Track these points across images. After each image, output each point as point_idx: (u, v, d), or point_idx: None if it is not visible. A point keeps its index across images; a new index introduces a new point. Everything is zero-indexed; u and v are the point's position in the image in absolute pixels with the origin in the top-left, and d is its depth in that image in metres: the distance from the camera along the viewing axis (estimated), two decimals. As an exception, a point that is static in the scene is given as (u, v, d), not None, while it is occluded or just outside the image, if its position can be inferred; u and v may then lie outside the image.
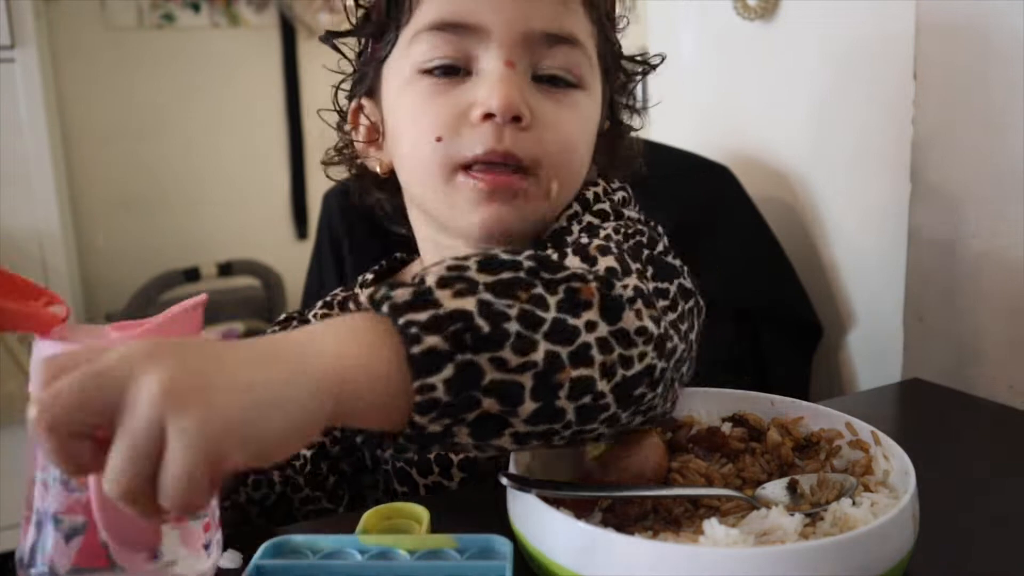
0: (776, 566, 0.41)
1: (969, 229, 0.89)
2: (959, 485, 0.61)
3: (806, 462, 0.55)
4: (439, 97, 0.60)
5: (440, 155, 0.60)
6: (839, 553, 0.42)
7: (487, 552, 0.48)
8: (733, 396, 0.62)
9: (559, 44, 0.60)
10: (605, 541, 0.44)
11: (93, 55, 2.44)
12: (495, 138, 0.58)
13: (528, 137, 0.59)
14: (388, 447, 0.44)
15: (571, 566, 0.45)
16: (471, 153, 0.59)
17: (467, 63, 0.60)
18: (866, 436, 0.56)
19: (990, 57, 0.85)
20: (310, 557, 0.49)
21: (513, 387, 0.41)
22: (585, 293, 0.44)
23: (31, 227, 2.14)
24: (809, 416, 0.59)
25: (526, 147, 0.59)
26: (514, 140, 0.59)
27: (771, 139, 1.17)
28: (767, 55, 1.15)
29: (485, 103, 0.58)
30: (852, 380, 1.11)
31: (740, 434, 0.57)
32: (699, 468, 0.54)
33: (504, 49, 0.59)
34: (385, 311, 0.40)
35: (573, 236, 0.61)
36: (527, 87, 0.60)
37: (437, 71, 0.61)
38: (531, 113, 0.59)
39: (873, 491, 0.51)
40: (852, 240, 1.08)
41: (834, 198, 1.09)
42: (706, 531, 0.45)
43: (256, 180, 2.66)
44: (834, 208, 1.10)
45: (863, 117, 1.03)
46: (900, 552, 0.45)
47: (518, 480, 0.49)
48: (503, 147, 0.58)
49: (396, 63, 0.64)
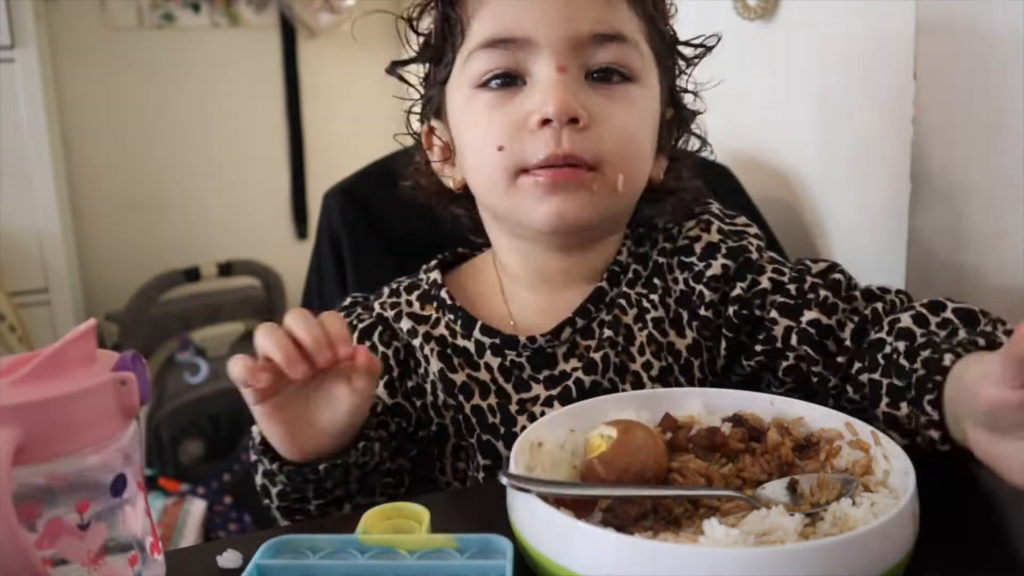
0: (776, 566, 0.41)
1: (969, 229, 0.89)
2: (959, 485, 0.61)
3: (806, 462, 0.55)
4: (498, 108, 0.64)
5: (504, 162, 0.64)
6: (839, 553, 0.42)
7: (487, 552, 0.48)
8: (733, 396, 0.62)
9: (608, 42, 0.63)
10: (605, 541, 0.44)
11: (93, 55, 2.43)
12: (555, 142, 0.62)
13: (587, 136, 0.62)
14: None
15: (571, 566, 0.45)
16: (534, 159, 0.63)
17: (522, 73, 0.64)
18: (866, 436, 0.55)
19: (990, 57, 0.85)
20: (310, 557, 0.49)
21: None
22: None
23: (31, 227, 2.14)
24: (809, 416, 0.59)
25: (587, 147, 0.62)
26: (573, 142, 0.62)
27: (771, 139, 1.17)
28: (767, 55, 1.15)
29: (541, 109, 0.61)
30: (852, 380, 1.11)
31: (740, 434, 0.57)
32: (699, 468, 0.54)
33: (555, 56, 0.62)
34: None
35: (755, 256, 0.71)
36: (582, 88, 0.63)
37: (494, 83, 0.65)
38: (588, 112, 0.62)
39: (873, 491, 0.51)
40: (852, 240, 1.08)
41: (834, 198, 1.09)
42: (706, 531, 0.45)
43: (256, 180, 2.66)
44: (834, 208, 1.10)
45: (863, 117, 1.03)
46: (900, 552, 0.45)
47: (518, 479, 0.49)
48: (563, 150, 0.62)
49: (456, 82, 0.68)
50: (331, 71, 2.68)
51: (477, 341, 0.72)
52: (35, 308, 2.17)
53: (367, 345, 0.72)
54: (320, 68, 2.67)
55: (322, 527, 0.64)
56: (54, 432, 0.40)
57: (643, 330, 0.71)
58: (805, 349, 0.68)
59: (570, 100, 0.61)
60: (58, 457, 0.40)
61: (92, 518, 0.42)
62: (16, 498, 0.38)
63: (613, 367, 0.70)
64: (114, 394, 0.42)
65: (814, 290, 0.69)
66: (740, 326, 0.71)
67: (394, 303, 0.75)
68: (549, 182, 0.63)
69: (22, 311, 2.13)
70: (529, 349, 0.71)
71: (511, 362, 0.71)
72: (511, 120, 0.63)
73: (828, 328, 0.67)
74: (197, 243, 2.55)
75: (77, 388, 0.41)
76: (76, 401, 0.41)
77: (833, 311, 0.68)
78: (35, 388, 0.40)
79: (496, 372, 0.71)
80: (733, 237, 0.72)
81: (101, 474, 0.43)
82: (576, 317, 0.71)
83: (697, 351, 0.71)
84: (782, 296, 0.69)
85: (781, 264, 0.71)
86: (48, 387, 0.41)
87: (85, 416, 0.41)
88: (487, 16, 0.65)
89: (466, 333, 0.72)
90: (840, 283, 0.70)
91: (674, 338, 0.71)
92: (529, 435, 0.56)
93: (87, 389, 0.41)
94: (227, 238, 2.59)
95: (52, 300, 2.19)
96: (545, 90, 0.62)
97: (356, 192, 1.00)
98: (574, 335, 0.71)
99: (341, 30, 2.59)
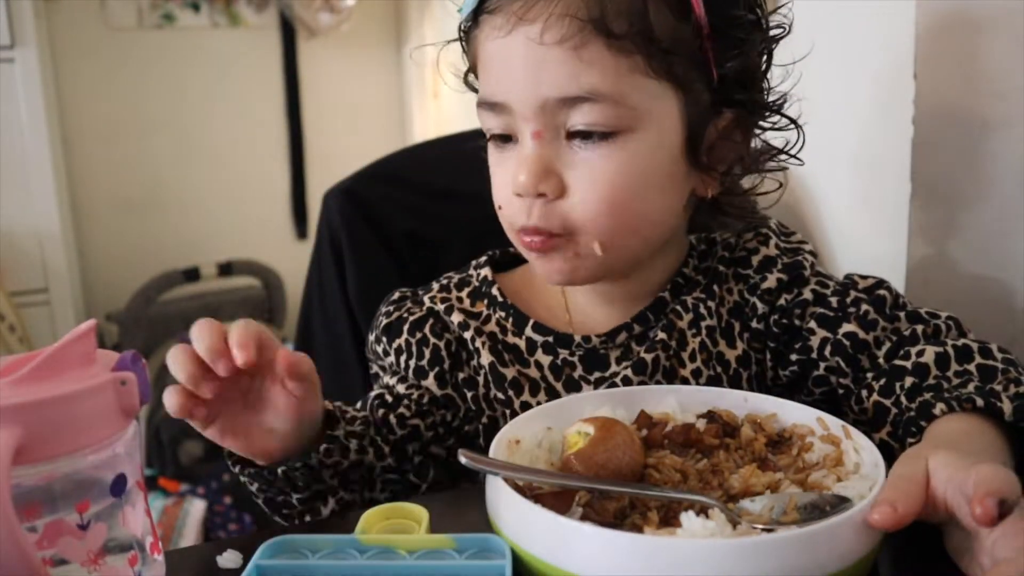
0: (752, 556, 0.42)
1: (969, 229, 0.89)
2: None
3: (779, 457, 0.56)
4: (498, 166, 0.66)
5: (504, 220, 0.67)
6: (814, 542, 0.43)
7: (486, 552, 0.48)
8: (707, 393, 0.63)
9: (580, 103, 0.60)
10: (584, 535, 0.45)
11: (93, 55, 2.44)
12: (525, 214, 0.63)
13: (556, 207, 0.62)
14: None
15: (552, 561, 0.45)
16: (518, 223, 0.64)
17: (513, 133, 0.64)
18: (837, 431, 0.56)
19: (990, 57, 0.85)
20: (310, 557, 0.49)
21: None
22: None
23: (31, 227, 2.14)
24: (781, 412, 0.60)
25: (553, 220, 0.63)
26: (541, 215, 0.63)
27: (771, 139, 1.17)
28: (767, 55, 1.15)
29: (513, 182, 0.63)
30: (852, 380, 1.11)
31: (714, 430, 0.58)
32: (675, 464, 0.55)
33: (528, 122, 0.62)
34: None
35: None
36: (561, 151, 0.62)
37: (496, 140, 0.66)
38: (562, 181, 0.62)
39: (843, 480, 0.52)
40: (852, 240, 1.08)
41: (834, 198, 1.09)
42: (684, 524, 0.46)
43: (256, 180, 2.66)
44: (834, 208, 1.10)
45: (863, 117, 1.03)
46: (871, 541, 0.46)
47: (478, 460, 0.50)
48: (531, 223, 0.63)
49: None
50: (331, 71, 2.69)
51: (528, 339, 0.72)
52: (35, 308, 2.17)
53: (418, 337, 0.72)
54: (320, 68, 2.67)
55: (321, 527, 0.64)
56: (54, 432, 0.40)
57: (696, 336, 0.71)
58: (837, 360, 0.67)
59: (535, 176, 0.61)
60: (58, 457, 0.40)
61: (92, 518, 0.42)
62: (16, 498, 0.38)
63: (662, 370, 0.70)
64: (114, 394, 0.42)
65: (856, 304, 0.68)
66: (779, 335, 0.70)
67: (444, 298, 0.75)
68: (529, 246, 0.65)
69: (22, 311, 2.13)
70: (583, 348, 0.71)
71: (563, 360, 0.71)
72: (505, 182, 0.65)
73: (864, 343, 0.67)
74: (197, 243, 2.55)
75: (77, 388, 0.41)
76: (76, 401, 0.41)
77: (872, 327, 0.67)
78: (35, 388, 0.40)
79: (546, 370, 0.71)
80: (789, 253, 0.72)
81: (101, 474, 0.43)
82: (634, 323, 0.71)
83: (747, 363, 0.71)
84: (822, 307, 0.69)
85: (827, 278, 0.71)
86: (48, 387, 0.41)
87: (85, 416, 0.41)
88: (482, 77, 0.66)
89: (517, 330, 0.72)
90: (885, 300, 0.69)
91: (724, 348, 0.71)
92: (506, 432, 0.56)
93: (87, 389, 0.41)
94: (227, 238, 2.59)
95: (52, 300, 2.19)
96: (519, 161, 0.62)
97: (356, 192, 1.00)
98: (630, 340, 0.71)
99: (341, 30, 2.59)
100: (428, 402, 0.71)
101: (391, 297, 0.77)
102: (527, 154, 0.62)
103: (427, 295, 0.76)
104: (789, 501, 0.49)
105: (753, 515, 0.49)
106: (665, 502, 0.51)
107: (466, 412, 0.72)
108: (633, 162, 0.62)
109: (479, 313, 0.74)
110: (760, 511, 0.49)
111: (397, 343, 0.73)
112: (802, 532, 0.43)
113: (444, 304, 0.74)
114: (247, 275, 2.45)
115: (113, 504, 0.43)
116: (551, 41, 0.58)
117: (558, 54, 0.59)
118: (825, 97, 1.08)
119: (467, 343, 0.72)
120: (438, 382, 0.71)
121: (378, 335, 0.75)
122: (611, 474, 0.52)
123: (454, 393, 0.72)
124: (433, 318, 0.73)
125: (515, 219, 0.64)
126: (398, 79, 2.79)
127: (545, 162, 0.61)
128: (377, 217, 0.99)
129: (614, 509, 0.50)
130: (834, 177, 1.09)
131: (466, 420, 0.73)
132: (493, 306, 0.74)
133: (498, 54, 0.62)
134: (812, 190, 1.12)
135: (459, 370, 0.72)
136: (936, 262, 0.92)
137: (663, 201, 0.65)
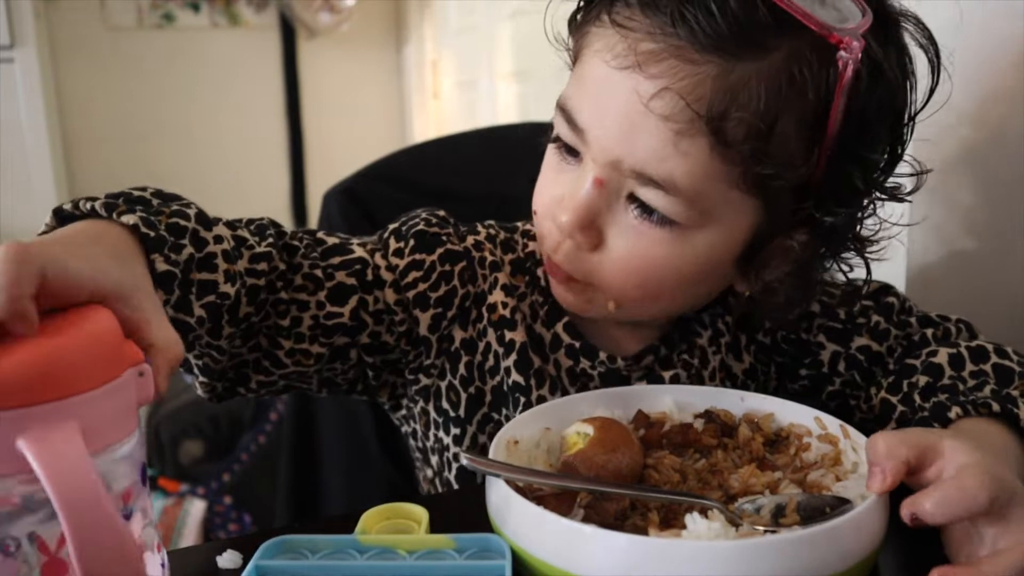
0: (755, 557, 0.42)
1: (969, 229, 0.89)
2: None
3: (776, 456, 0.56)
4: (552, 172, 0.61)
5: (536, 225, 0.63)
6: (816, 543, 0.43)
7: (486, 552, 0.48)
8: (704, 393, 0.62)
9: (651, 184, 0.54)
10: (587, 536, 0.45)
11: (93, 55, 2.44)
12: (554, 246, 0.60)
13: (586, 258, 0.59)
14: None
15: (554, 561, 0.45)
16: (546, 245, 0.61)
17: (580, 151, 0.58)
18: (835, 430, 0.56)
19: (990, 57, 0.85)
20: (309, 557, 0.49)
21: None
22: None
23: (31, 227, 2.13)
24: (779, 412, 0.60)
25: (578, 266, 0.59)
26: (568, 256, 0.59)
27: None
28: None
29: (559, 212, 0.58)
30: (852, 380, 1.11)
31: (712, 430, 0.58)
32: (673, 464, 0.55)
33: (596, 166, 0.56)
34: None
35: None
36: (613, 207, 0.57)
37: (561, 144, 0.60)
38: (602, 236, 0.58)
39: (842, 479, 0.52)
40: (852, 240, 1.08)
41: (834, 198, 1.10)
42: (688, 525, 0.46)
43: (256, 180, 2.67)
44: (834, 208, 1.10)
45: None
46: (873, 542, 0.46)
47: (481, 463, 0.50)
48: (556, 258, 0.60)
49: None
50: (331, 71, 2.69)
51: (555, 335, 0.67)
52: (35, 308, 2.17)
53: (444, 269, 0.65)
54: (320, 68, 2.67)
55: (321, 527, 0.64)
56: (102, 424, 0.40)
57: (716, 355, 0.68)
58: (853, 374, 0.66)
59: (578, 222, 0.56)
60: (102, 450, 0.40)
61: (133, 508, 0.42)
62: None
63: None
64: (135, 385, 0.42)
65: (865, 314, 0.67)
66: (786, 349, 0.69)
67: (480, 244, 0.68)
68: (549, 271, 0.63)
69: (22, 311, 2.13)
70: (605, 367, 0.67)
71: (581, 370, 0.67)
72: (552, 194, 0.60)
73: (878, 355, 0.66)
74: (197, 243, 2.55)
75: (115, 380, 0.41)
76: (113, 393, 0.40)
77: (884, 337, 0.66)
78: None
79: (563, 372, 0.67)
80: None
81: (131, 465, 0.42)
82: (661, 345, 0.68)
83: (754, 375, 0.70)
84: (831, 320, 0.67)
85: (832, 286, 0.67)
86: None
87: (118, 408, 0.41)
88: (575, 81, 0.59)
89: (549, 322, 0.67)
90: (893, 307, 0.67)
91: (732, 361, 0.69)
92: (504, 433, 0.56)
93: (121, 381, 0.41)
94: (227, 238, 2.59)
95: (52, 300, 2.19)
96: (572, 195, 0.57)
97: (356, 192, 1.00)
98: (655, 363, 0.68)
99: (341, 30, 2.59)
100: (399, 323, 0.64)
101: (432, 211, 0.68)
102: (581, 197, 0.56)
103: (471, 236, 0.68)
104: (789, 502, 0.49)
105: (754, 516, 0.49)
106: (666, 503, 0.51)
107: (430, 365, 0.66)
108: (680, 254, 0.57)
109: (516, 288, 0.67)
110: (760, 512, 0.49)
111: (420, 256, 0.64)
112: (805, 533, 0.43)
113: (479, 254, 0.67)
114: (247, 275, 2.45)
115: (143, 492, 0.43)
116: (657, 111, 0.52)
117: (657, 127, 0.53)
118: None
119: (487, 306, 0.66)
120: (431, 322, 0.64)
121: (403, 234, 0.65)
122: (611, 475, 0.52)
123: (436, 343, 0.65)
124: (466, 261, 0.66)
125: (545, 237, 0.61)
126: (398, 79, 2.79)
127: (595, 213, 0.57)
128: (377, 217, 0.99)
129: (615, 510, 0.50)
130: (834, 177, 1.09)
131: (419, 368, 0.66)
132: (532, 286, 0.68)
133: (601, 82, 0.55)
134: (812, 190, 1.12)
135: (459, 327, 0.66)
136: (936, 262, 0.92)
137: (696, 290, 0.62)
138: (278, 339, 0.60)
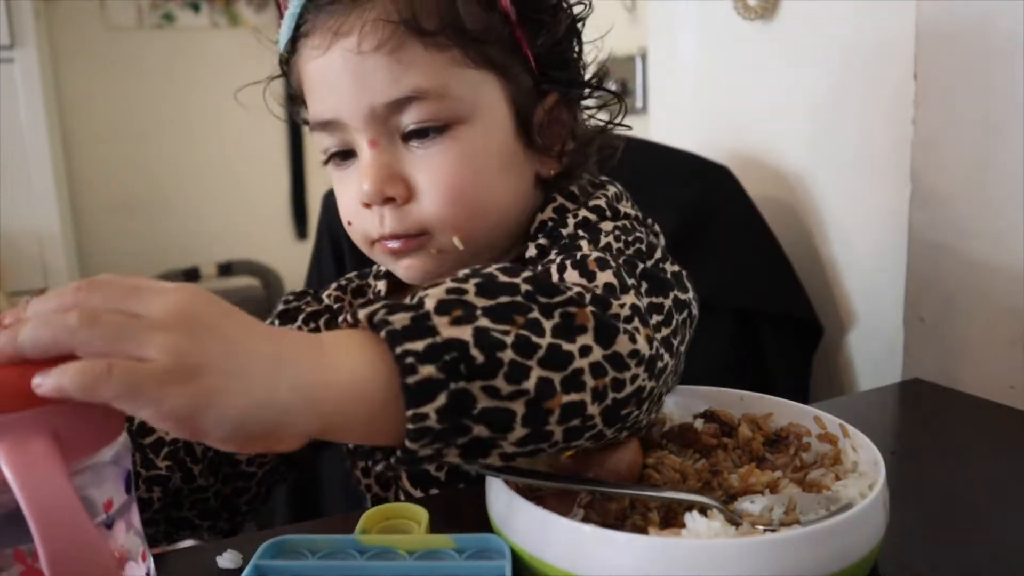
0: (756, 556, 0.42)
1: (969, 229, 0.89)
2: (959, 485, 0.61)
3: (776, 456, 0.56)
4: (342, 183, 0.65)
5: (355, 234, 0.66)
6: (816, 541, 0.43)
7: (486, 552, 0.48)
8: (704, 393, 0.63)
9: (406, 105, 0.60)
10: (587, 536, 0.45)
11: (93, 55, 2.44)
12: (378, 223, 0.62)
13: (408, 211, 0.62)
14: (380, 461, 0.45)
15: (554, 562, 0.45)
16: (373, 234, 0.64)
17: (353, 147, 0.63)
18: (834, 429, 0.57)
19: (990, 58, 0.85)
20: (309, 557, 0.49)
21: (504, 414, 0.42)
22: (580, 318, 0.46)
23: (31, 227, 2.14)
24: (778, 411, 0.60)
25: (408, 222, 0.62)
26: (394, 220, 0.62)
27: (771, 139, 1.17)
28: (767, 55, 1.15)
29: (360, 193, 0.62)
30: (852, 380, 1.11)
31: (712, 430, 0.58)
32: (673, 464, 0.55)
33: (362, 133, 0.61)
34: (383, 337, 0.41)
35: (568, 230, 0.63)
36: (400, 155, 0.62)
37: (335, 158, 0.65)
38: (407, 183, 0.61)
39: (842, 479, 0.52)
40: (852, 240, 1.08)
41: (834, 198, 1.09)
42: (688, 525, 0.46)
43: (256, 180, 2.67)
44: (834, 208, 1.10)
45: (863, 117, 1.03)
46: (873, 539, 0.46)
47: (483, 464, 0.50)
48: (387, 230, 0.62)
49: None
50: (331, 71, 2.69)
51: None
52: (35, 308, 2.17)
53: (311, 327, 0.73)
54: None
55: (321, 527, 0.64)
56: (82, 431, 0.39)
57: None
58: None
59: (380, 182, 0.61)
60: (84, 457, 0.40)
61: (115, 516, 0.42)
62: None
63: None
64: None
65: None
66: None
67: (339, 297, 0.76)
68: (391, 251, 0.64)
69: (22, 311, 2.13)
70: None
71: None
72: (351, 196, 0.64)
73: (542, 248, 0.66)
74: (197, 243, 2.55)
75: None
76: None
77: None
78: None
79: None
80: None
81: (117, 470, 0.42)
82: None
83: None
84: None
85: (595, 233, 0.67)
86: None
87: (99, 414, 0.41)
88: (310, 100, 0.65)
89: None
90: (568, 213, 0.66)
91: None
92: None
93: None
94: (227, 238, 2.59)
95: (52, 300, 2.19)
96: (361, 172, 0.62)
97: (356, 192, 1.00)
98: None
99: (341, 30, 2.59)
100: None
101: (293, 292, 0.78)
102: (367, 163, 0.61)
103: (325, 293, 0.77)
104: (789, 501, 0.49)
105: (753, 516, 0.49)
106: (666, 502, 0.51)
107: None
108: (470, 150, 0.62)
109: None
110: (760, 511, 0.49)
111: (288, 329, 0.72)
112: (804, 532, 0.43)
113: (337, 304, 0.75)
114: (247, 275, 2.45)
115: (127, 501, 0.43)
116: (368, 49, 0.59)
117: (377, 61, 0.59)
118: (826, 98, 1.08)
119: None
120: None
121: (271, 321, 0.75)
122: (610, 475, 0.52)
123: None
124: (329, 314, 0.74)
125: (368, 231, 0.64)
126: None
127: (387, 167, 0.61)
128: (377, 217, 1.00)
129: (615, 510, 0.50)
130: (834, 177, 1.09)
131: None
132: None
133: (320, 72, 0.62)
134: (812, 190, 1.12)
135: None
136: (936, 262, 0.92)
137: (507, 184, 0.65)
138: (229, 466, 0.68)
